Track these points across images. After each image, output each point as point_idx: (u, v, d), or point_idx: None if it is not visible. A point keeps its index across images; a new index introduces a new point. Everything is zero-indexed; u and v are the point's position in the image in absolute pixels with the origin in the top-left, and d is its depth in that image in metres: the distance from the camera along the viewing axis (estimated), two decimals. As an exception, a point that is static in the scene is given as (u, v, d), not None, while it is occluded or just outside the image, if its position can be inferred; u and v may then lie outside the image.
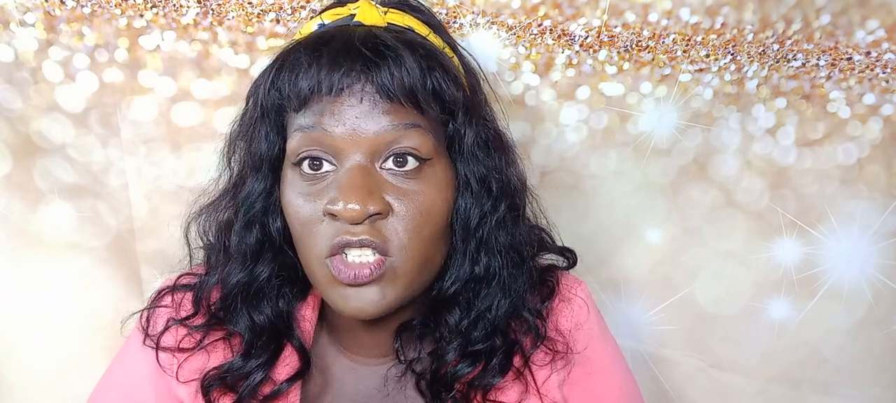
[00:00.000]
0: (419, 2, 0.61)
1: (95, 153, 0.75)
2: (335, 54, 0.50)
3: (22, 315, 0.77)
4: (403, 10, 0.58)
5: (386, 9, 0.56)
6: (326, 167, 0.52)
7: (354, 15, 0.55)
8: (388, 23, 0.55)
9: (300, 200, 0.53)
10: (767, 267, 0.82)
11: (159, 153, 0.75)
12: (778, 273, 0.82)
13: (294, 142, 0.53)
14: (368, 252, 0.51)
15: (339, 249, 0.52)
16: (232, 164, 0.60)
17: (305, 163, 0.53)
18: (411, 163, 0.52)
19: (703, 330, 0.85)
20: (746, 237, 0.81)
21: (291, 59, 0.52)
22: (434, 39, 0.57)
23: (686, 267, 0.83)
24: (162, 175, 0.76)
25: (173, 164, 0.76)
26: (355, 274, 0.51)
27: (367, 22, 0.54)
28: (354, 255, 0.52)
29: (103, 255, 0.77)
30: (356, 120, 0.51)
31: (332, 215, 0.51)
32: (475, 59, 0.62)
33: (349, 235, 0.51)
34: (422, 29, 0.57)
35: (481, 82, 0.62)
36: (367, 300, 0.52)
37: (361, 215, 0.50)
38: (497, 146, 0.58)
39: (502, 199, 0.57)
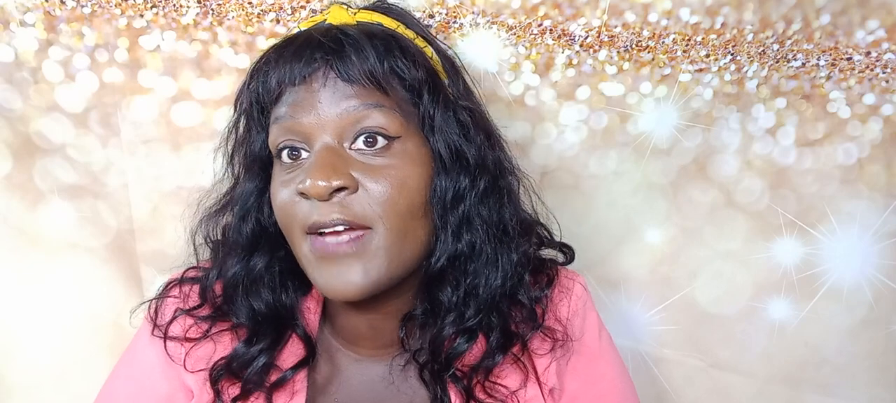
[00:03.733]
0: (393, 4, 0.64)
1: (95, 153, 0.75)
2: (298, 48, 0.55)
3: (22, 315, 0.77)
4: (374, 11, 0.61)
5: (356, 10, 0.60)
6: (303, 155, 0.55)
7: (326, 19, 0.59)
8: (357, 22, 0.59)
9: (279, 187, 0.56)
10: (767, 267, 0.82)
11: (159, 153, 0.75)
12: (778, 273, 0.82)
13: (272, 135, 0.56)
14: (343, 235, 0.53)
15: (315, 230, 0.53)
16: (233, 167, 0.64)
17: (284, 154, 0.56)
18: (380, 141, 0.54)
19: (703, 330, 0.85)
20: (746, 237, 0.81)
21: (262, 61, 0.56)
22: (405, 32, 0.59)
23: (686, 267, 0.83)
24: (162, 175, 0.76)
25: (173, 164, 0.76)
26: (335, 248, 0.53)
27: (337, 22, 0.58)
28: (331, 240, 0.53)
29: (103, 255, 0.77)
30: (320, 105, 0.54)
31: (303, 193, 0.53)
32: (455, 53, 0.65)
33: (320, 215, 0.53)
34: (391, 23, 0.60)
35: (461, 71, 0.64)
36: (351, 280, 0.53)
37: (326, 190, 0.52)
38: (477, 127, 0.59)
39: (481, 176, 0.58)
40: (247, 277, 0.60)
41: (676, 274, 0.84)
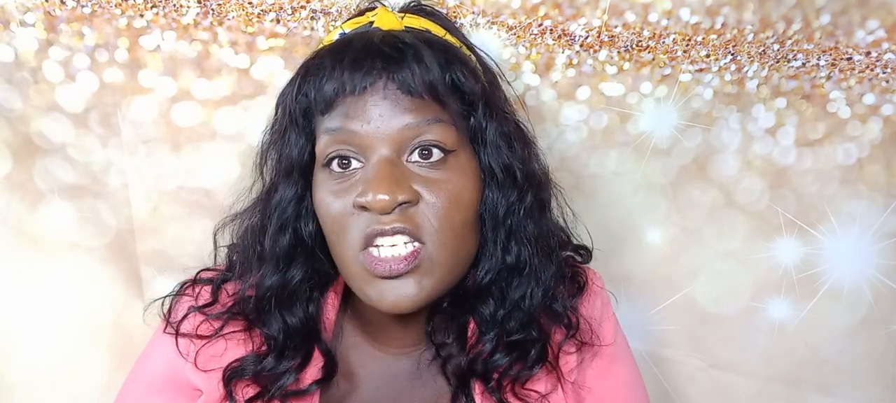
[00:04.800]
0: (434, 7, 0.63)
1: (95, 153, 0.74)
2: (357, 55, 0.52)
3: (22, 315, 0.77)
4: (420, 15, 0.60)
5: (403, 14, 0.59)
6: (354, 165, 0.54)
7: (373, 21, 0.57)
8: (405, 26, 0.57)
9: (330, 198, 0.54)
10: (767, 267, 0.82)
11: (159, 153, 0.75)
12: (778, 273, 0.82)
13: (322, 144, 0.55)
14: (401, 239, 0.52)
15: (372, 240, 0.53)
16: (264, 174, 0.62)
17: (334, 163, 0.55)
18: (436, 154, 0.54)
19: (703, 330, 0.85)
20: (746, 237, 0.81)
21: (315, 65, 0.54)
22: (451, 40, 0.59)
23: (686, 267, 0.83)
24: (162, 175, 0.76)
25: (173, 164, 0.76)
26: (390, 267, 0.52)
27: (386, 26, 0.56)
28: (387, 245, 0.53)
29: (103, 255, 0.77)
30: (380, 117, 0.52)
31: (363, 207, 0.52)
32: (492, 59, 0.65)
33: (380, 224, 0.52)
34: (438, 30, 0.59)
35: (499, 79, 0.64)
36: (405, 294, 0.53)
37: (390, 204, 0.51)
38: (519, 138, 0.59)
39: (528, 190, 0.59)
40: (283, 289, 0.59)
41: (676, 274, 0.84)
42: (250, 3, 0.71)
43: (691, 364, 0.86)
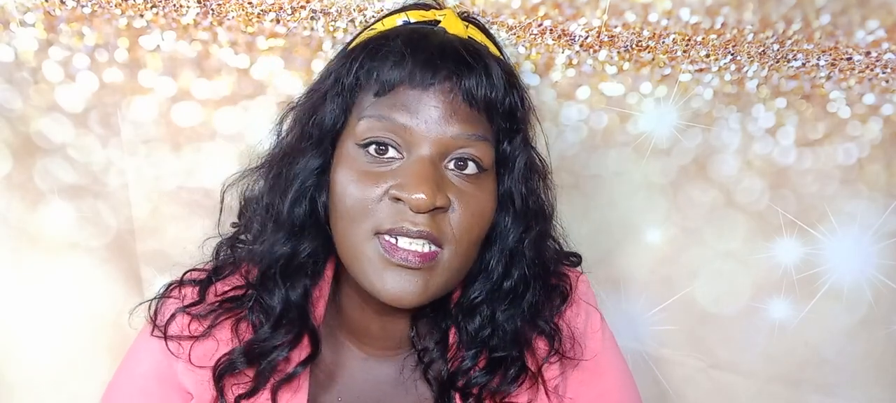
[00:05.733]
0: (489, 29, 0.63)
1: (95, 153, 0.74)
2: (432, 51, 0.52)
3: (22, 315, 0.77)
4: (481, 31, 0.60)
5: (468, 24, 0.59)
6: (392, 153, 0.54)
7: (440, 21, 0.57)
8: (469, 37, 0.57)
9: (360, 177, 0.53)
10: (767, 267, 0.82)
11: (159, 153, 0.75)
12: (778, 273, 0.82)
13: (365, 124, 0.54)
14: (421, 243, 0.53)
15: (394, 233, 0.52)
16: (293, 129, 0.60)
17: (372, 147, 0.54)
18: (472, 168, 0.54)
19: (703, 330, 0.85)
20: (746, 237, 0.81)
21: (384, 47, 0.54)
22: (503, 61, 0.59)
23: (686, 267, 0.83)
24: (162, 175, 0.76)
25: (173, 164, 0.76)
26: (407, 257, 0.52)
27: (452, 30, 0.56)
28: (405, 243, 0.53)
29: (103, 255, 0.77)
30: (435, 119, 0.52)
31: (398, 199, 0.52)
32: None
33: (409, 224, 0.52)
34: (494, 50, 0.59)
35: (531, 108, 0.63)
36: (410, 289, 0.53)
37: (428, 205, 0.51)
38: (537, 170, 0.61)
39: (537, 221, 0.60)
40: (292, 260, 0.58)
41: (676, 274, 0.84)
42: (250, 3, 0.71)
43: (691, 365, 0.86)
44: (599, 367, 0.65)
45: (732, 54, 0.75)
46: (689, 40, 0.74)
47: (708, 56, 0.75)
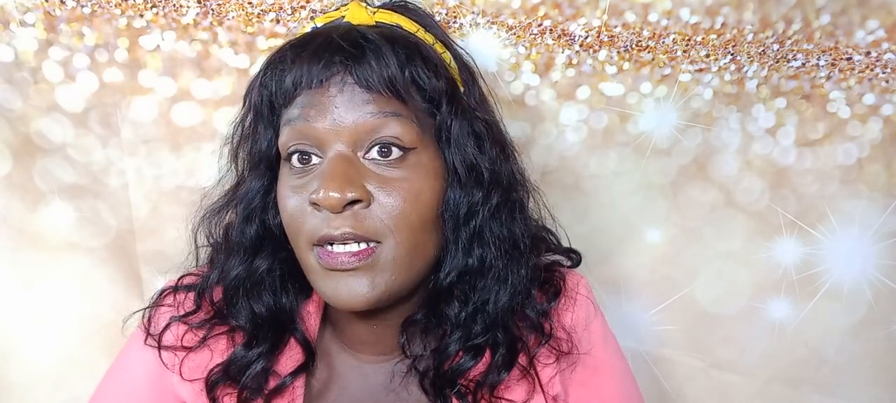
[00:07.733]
0: (412, 2, 0.62)
1: (95, 153, 0.75)
2: (317, 49, 0.53)
3: (22, 315, 0.77)
4: (394, 10, 0.59)
5: (375, 9, 0.59)
6: (314, 160, 0.54)
7: (345, 16, 0.57)
8: (376, 21, 0.57)
9: (289, 193, 0.54)
10: (767, 267, 0.82)
11: (159, 153, 0.75)
12: (778, 273, 0.82)
13: (283, 137, 0.54)
14: (352, 246, 0.52)
15: (323, 243, 0.53)
16: (238, 165, 0.62)
17: (295, 158, 0.54)
18: (395, 152, 0.53)
19: (703, 330, 0.85)
20: (746, 237, 0.81)
21: (278, 58, 0.55)
22: (424, 36, 0.58)
23: (686, 267, 0.83)
24: (162, 175, 0.76)
25: (173, 164, 0.76)
26: (341, 261, 0.52)
27: (356, 21, 0.56)
28: (339, 248, 0.52)
29: (103, 255, 0.77)
30: (336, 111, 0.52)
31: (315, 204, 0.52)
32: (472, 58, 0.63)
33: (331, 229, 0.52)
34: (411, 26, 0.58)
35: (478, 78, 0.63)
36: (358, 292, 0.53)
37: (340, 202, 0.51)
38: (492, 139, 0.58)
39: (494, 191, 0.57)
40: (249, 279, 0.59)
41: (676, 274, 0.84)
42: (250, 3, 0.71)
43: (691, 365, 0.86)
44: (601, 370, 0.65)
45: (732, 54, 0.75)
46: (689, 40, 0.74)
47: (708, 56, 0.75)
